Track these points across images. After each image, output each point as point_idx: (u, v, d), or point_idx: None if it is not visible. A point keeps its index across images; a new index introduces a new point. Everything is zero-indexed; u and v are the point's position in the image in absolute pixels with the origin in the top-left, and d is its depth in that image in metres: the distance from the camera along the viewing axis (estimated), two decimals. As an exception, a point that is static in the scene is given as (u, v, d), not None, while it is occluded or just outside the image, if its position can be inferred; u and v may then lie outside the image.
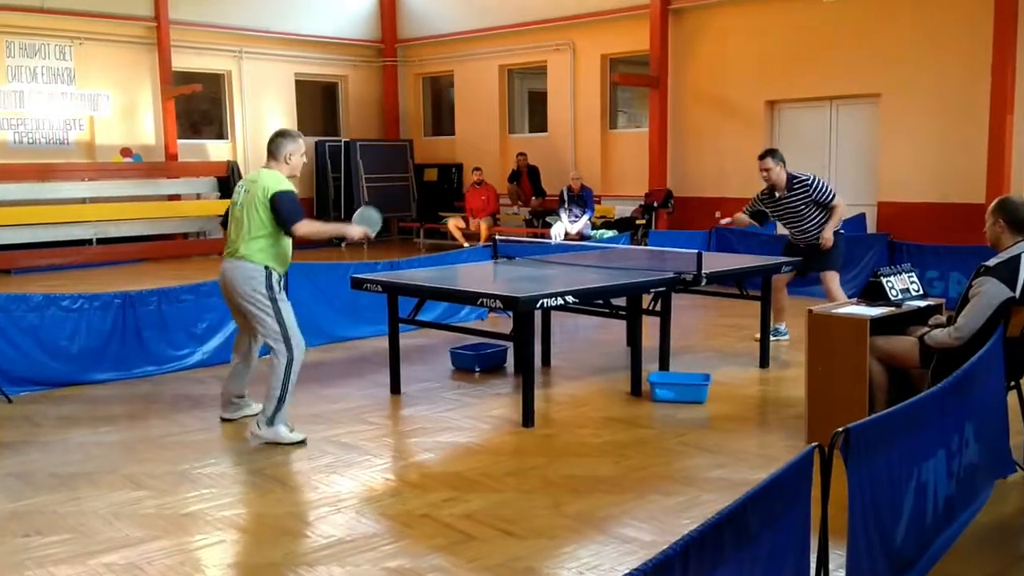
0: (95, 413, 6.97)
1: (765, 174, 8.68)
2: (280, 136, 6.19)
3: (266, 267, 6.00)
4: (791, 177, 8.71)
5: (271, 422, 6.00)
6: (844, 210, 8.83)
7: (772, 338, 9.21)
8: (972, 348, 5.07)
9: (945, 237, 12.07)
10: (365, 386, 7.68)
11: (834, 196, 8.71)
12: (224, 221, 6.34)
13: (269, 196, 5.94)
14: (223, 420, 6.62)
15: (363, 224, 6.49)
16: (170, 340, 8.29)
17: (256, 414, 6.34)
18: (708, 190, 16.00)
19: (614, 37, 17.34)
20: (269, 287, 6.00)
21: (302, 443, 6.04)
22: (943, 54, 13.28)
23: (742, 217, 9.07)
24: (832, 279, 8.78)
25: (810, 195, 8.61)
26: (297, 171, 6.22)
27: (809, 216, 8.71)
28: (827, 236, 8.65)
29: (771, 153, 8.76)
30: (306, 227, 6.06)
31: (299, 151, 6.20)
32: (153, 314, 8.20)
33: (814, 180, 8.69)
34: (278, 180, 6.03)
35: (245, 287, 5.99)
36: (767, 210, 8.97)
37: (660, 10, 16.07)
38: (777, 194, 8.78)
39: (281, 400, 5.99)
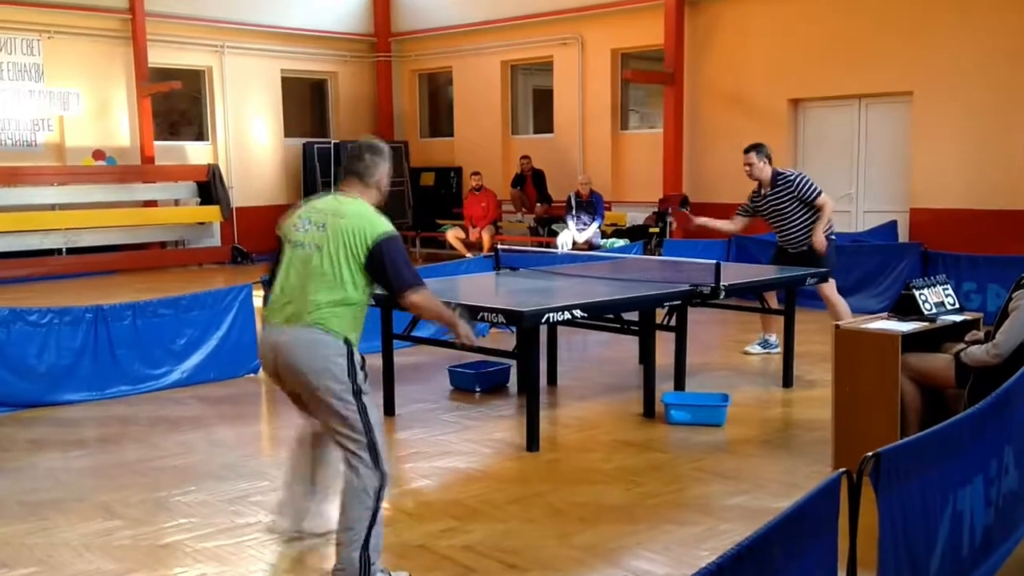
0: (66, 436, 6.99)
1: (748, 169, 8.96)
2: (370, 152, 4.69)
3: (346, 340, 4.42)
4: (776, 173, 8.95)
5: (365, 573, 4.34)
6: (832, 209, 9.02)
7: (762, 350, 9.35)
8: (1012, 366, 5.08)
9: (983, 246, 12.09)
10: (357, 407, 7.68)
11: (819, 193, 8.89)
12: (270, 274, 4.71)
13: (372, 243, 4.37)
14: (288, 535, 4.98)
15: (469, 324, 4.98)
16: (146, 358, 8.31)
17: (325, 533, 4.87)
18: (727, 195, 15.98)
19: (626, 30, 17.40)
20: (353, 373, 4.43)
21: None
22: (982, 48, 13.32)
23: (719, 225, 9.27)
24: (828, 288, 8.90)
25: (792, 192, 8.81)
26: (383, 201, 4.75)
27: (793, 215, 8.88)
28: (819, 238, 8.80)
29: (756, 148, 8.99)
30: (426, 297, 4.56)
31: (389, 173, 4.76)
32: (128, 330, 8.22)
33: (798, 176, 8.92)
34: (378, 218, 4.48)
35: (316, 368, 4.38)
36: (755, 209, 9.17)
37: (675, 1, 16.12)
38: (763, 191, 9.01)
39: (377, 537, 4.38)
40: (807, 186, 8.82)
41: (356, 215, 4.45)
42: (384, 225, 4.43)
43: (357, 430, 4.41)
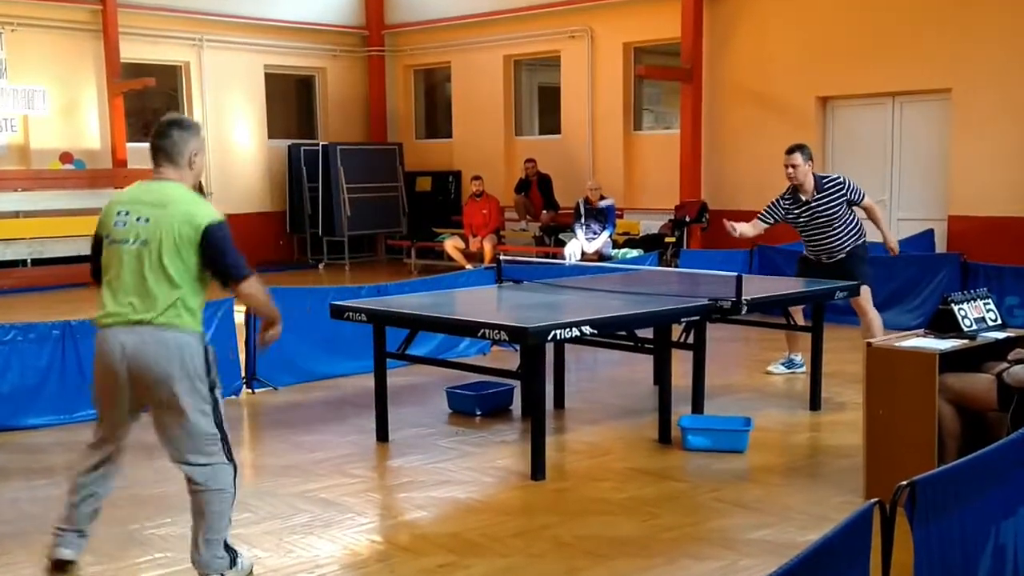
0: (30, 464, 7.00)
1: (791, 172, 8.84)
2: (178, 127, 4.81)
3: (201, 336, 4.72)
4: (819, 178, 8.91)
5: (233, 561, 4.87)
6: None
7: (786, 370, 9.36)
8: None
9: (1028, 257, 12.11)
10: (347, 432, 7.71)
11: (864, 194, 8.97)
12: (95, 266, 4.93)
13: (202, 232, 4.58)
14: (57, 565, 4.93)
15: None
16: (118, 378, 8.30)
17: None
18: (749, 202, 15.96)
19: (639, 22, 17.44)
20: (208, 368, 4.71)
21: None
22: (1025, 42, 13.36)
23: (745, 228, 9.14)
24: (864, 299, 8.89)
25: (845, 194, 8.82)
26: (200, 179, 5.00)
27: (839, 222, 8.86)
28: (893, 241, 9.20)
29: (800, 148, 8.91)
30: (258, 287, 4.80)
31: (203, 149, 4.91)
32: (98, 348, 8.22)
33: (845, 178, 8.97)
34: (202, 204, 4.73)
35: (179, 370, 4.61)
36: (787, 218, 9.07)
37: (693, -9, 16.19)
38: (803, 198, 8.91)
39: (226, 525, 4.86)
40: (855, 187, 8.88)
41: (179, 202, 4.64)
42: (210, 211, 4.66)
43: (212, 430, 4.71)
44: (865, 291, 8.89)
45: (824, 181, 8.90)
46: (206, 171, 18.96)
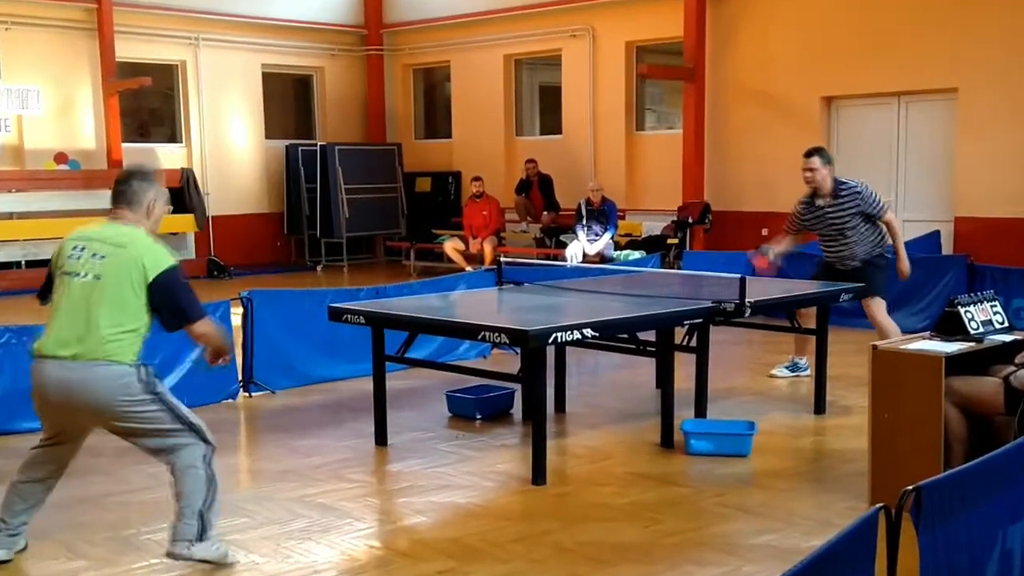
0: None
1: (809, 175, 8.80)
2: (138, 178, 5.15)
3: (134, 364, 4.94)
4: (838, 183, 8.82)
5: (201, 535, 5.07)
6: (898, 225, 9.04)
7: (791, 374, 9.37)
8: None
9: (1035, 259, 12.10)
10: (345, 436, 7.72)
11: (885, 208, 8.86)
12: (44, 292, 5.22)
13: (156, 276, 4.89)
14: None
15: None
16: (113, 381, 8.31)
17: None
18: (752, 203, 16.06)
19: (642, 21, 17.47)
20: (149, 384, 4.97)
21: (231, 565, 5.22)
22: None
23: (780, 248, 9.21)
24: (878, 307, 8.85)
25: (860, 205, 8.71)
26: (159, 227, 5.24)
27: (853, 231, 8.79)
28: (905, 263, 8.87)
29: (818, 151, 8.89)
30: (210, 327, 5.12)
31: (164, 197, 5.23)
32: (93, 350, 8.22)
33: (864, 188, 8.81)
34: (159, 251, 4.99)
35: (116, 401, 4.90)
36: (804, 222, 9.06)
37: (696, -11, 16.21)
38: (819, 202, 8.87)
39: (210, 506, 5.10)
40: (874, 200, 8.73)
41: (138, 244, 4.95)
42: (165, 257, 4.95)
43: (172, 430, 5.01)
44: (879, 303, 8.84)
45: (840, 187, 8.78)
46: (202, 172, 19.01)
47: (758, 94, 16.13)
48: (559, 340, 6.36)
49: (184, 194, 18.04)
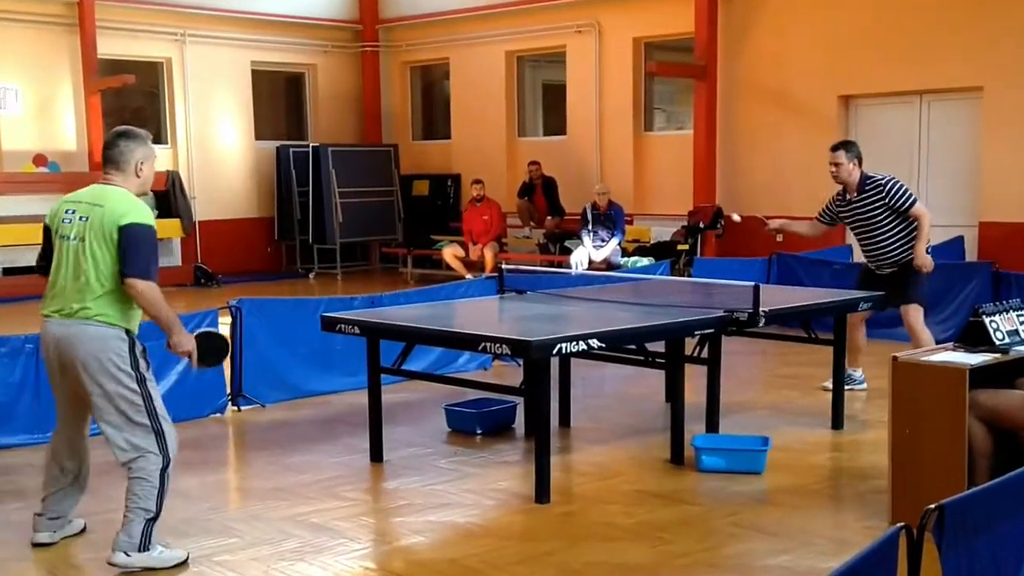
0: (2, 486, 7.02)
1: (834, 170, 8.95)
2: (124, 138, 5.53)
3: (127, 332, 5.39)
4: (865, 177, 8.93)
5: (144, 546, 5.38)
6: (930, 221, 8.95)
7: (845, 386, 9.26)
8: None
9: (1065, 266, 12.10)
10: (339, 452, 7.72)
11: (914, 201, 8.87)
12: (44, 260, 5.66)
13: (121, 227, 5.27)
14: (35, 546, 5.77)
15: (202, 349, 5.68)
16: (95, 394, 8.32)
17: (80, 530, 6.00)
18: (767, 207, 15.93)
19: (650, 16, 17.48)
20: (135, 361, 5.38)
21: (184, 563, 5.51)
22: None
23: (800, 227, 9.40)
24: (915, 315, 8.89)
25: (884, 199, 8.79)
26: (148, 187, 5.71)
27: (881, 228, 8.86)
28: (922, 256, 8.83)
29: (845, 146, 9.06)
30: (153, 290, 5.32)
31: (151, 158, 5.60)
32: (74, 362, 8.24)
33: (889, 181, 8.89)
34: (134, 206, 5.39)
35: (99, 360, 5.31)
36: (837, 217, 9.23)
37: (707, -17, 16.23)
38: (848, 196, 9.03)
39: (155, 517, 5.43)
40: (900, 192, 8.79)
41: (114, 202, 5.34)
42: (138, 214, 5.33)
43: (142, 420, 5.36)
44: (916, 310, 8.90)
45: (867, 181, 8.89)
46: (189, 174, 19.02)
47: (772, 92, 16.14)
48: (563, 351, 6.37)
49: (170, 198, 18.07)
